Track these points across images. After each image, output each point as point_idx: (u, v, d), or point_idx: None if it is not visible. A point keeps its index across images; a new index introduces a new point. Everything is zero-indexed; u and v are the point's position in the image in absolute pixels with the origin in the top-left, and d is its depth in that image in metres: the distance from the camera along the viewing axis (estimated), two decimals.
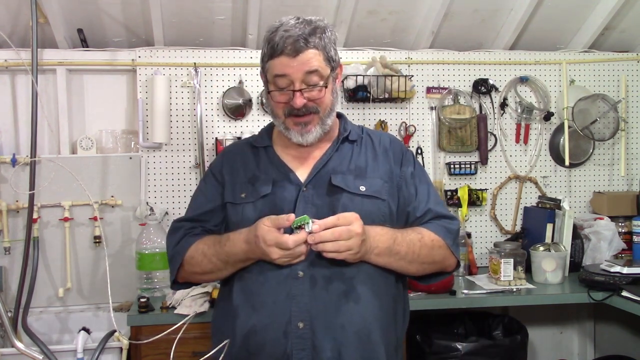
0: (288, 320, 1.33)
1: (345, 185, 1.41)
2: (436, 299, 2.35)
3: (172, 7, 2.55)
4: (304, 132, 1.39)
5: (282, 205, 1.39)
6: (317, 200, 1.39)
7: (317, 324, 1.33)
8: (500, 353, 2.35)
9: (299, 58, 1.33)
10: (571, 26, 2.93)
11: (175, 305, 2.21)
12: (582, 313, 3.06)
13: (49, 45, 2.63)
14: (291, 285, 1.34)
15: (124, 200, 2.66)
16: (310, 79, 1.35)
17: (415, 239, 1.39)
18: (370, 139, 1.53)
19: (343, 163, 1.46)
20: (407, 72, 2.86)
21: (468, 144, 2.88)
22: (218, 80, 2.74)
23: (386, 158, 1.50)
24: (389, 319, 1.44)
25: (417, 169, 1.53)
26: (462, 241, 2.67)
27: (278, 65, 1.34)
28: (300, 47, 1.32)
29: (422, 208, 1.47)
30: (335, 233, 1.25)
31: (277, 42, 1.33)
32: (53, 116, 2.67)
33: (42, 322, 2.56)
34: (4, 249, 2.56)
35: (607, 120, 2.94)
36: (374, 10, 2.70)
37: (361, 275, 1.36)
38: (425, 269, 1.46)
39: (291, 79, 1.34)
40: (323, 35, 1.37)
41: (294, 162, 1.47)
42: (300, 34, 1.32)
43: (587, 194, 3.02)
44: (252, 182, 1.44)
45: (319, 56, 1.35)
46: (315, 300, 1.33)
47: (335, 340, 1.33)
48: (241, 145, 1.58)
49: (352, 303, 1.35)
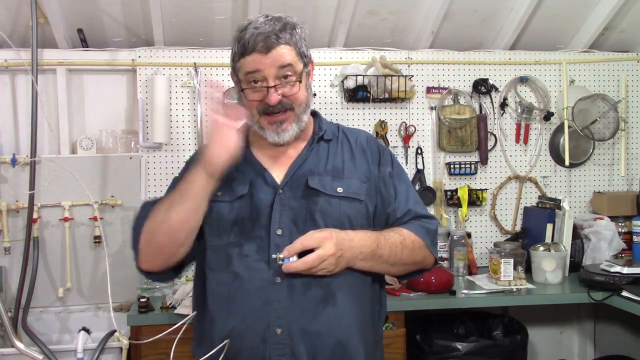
0: (266, 325, 1.31)
1: (322, 187, 1.39)
2: (436, 299, 2.35)
3: (172, 7, 2.55)
4: (280, 130, 1.37)
5: (259, 207, 1.37)
6: (293, 203, 1.37)
7: (294, 329, 1.32)
8: (500, 353, 2.36)
9: (271, 54, 1.31)
10: (571, 26, 2.93)
11: (175, 305, 2.21)
12: (582, 313, 3.06)
13: (49, 45, 2.63)
14: (269, 291, 1.32)
15: (124, 200, 2.66)
16: (283, 74, 1.34)
17: (397, 241, 1.39)
18: (347, 137, 1.51)
19: (320, 163, 1.44)
20: (407, 72, 2.86)
21: (468, 144, 2.88)
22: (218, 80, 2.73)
23: (364, 157, 1.48)
24: (367, 321, 1.43)
25: (396, 169, 1.51)
26: (462, 241, 2.69)
27: (250, 63, 1.33)
28: (271, 43, 1.31)
29: (402, 209, 1.46)
30: (307, 263, 1.26)
31: (248, 39, 1.32)
32: (53, 116, 2.67)
33: (42, 322, 2.56)
34: (4, 249, 2.56)
35: (607, 120, 2.94)
36: (374, 10, 2.70)
37: (339, 280, 1.35)
38: (406, 269, 1.47)
39: (264, 75, 1.32)
40: (294, 32, 1.36)
41: (269, 162, 1.44)
42: (271, 30, 1.32)
43: (587, 194, 3.02)
44: (229, 182, 1.41)
45: (292, 51, 1.34)
46: (293, 306, 1.32)
47: (311, 345, 1.32)
48: None
49: (330, 308, 1.34)
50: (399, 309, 2.29)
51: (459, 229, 2.84)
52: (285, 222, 1.35)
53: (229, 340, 1.33)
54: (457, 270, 2.68)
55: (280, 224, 1.35)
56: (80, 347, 2.15)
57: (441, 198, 2.85)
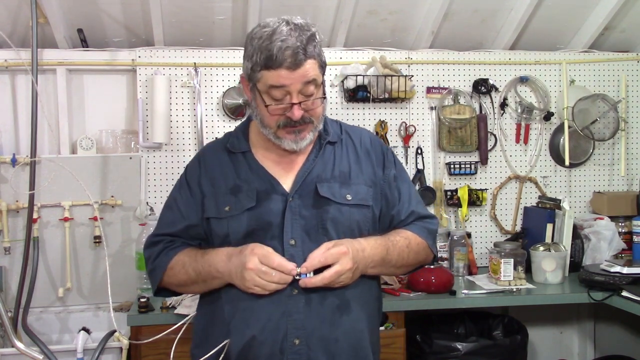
0: (284, 336, 1.32)
1: (332, 196, 1.39)
2: (436, 299, 2.35)
3: (172, 7, 2.55)
4: (298, 139, 1.36)
5: (269, 217, 1.36)
6: (304, 212, 1.37)
7: (312, 339, 1.33)
8: (500, 353, 2.35)
9: (299, 71, 1.27)
10: (571, 26, 2.93)
11: (175, 305, 2.21)
12: (582, 313, 3.06)
13: (49, 45, 2.63)
14: (286, 303, 1.33)
15: (124, 200, 2.66)
16: (307, 90, 1.31)
17: (404, 245, 1.43)
18: (351, 138, 1.50)
19: (327, 169, 1.43)
20: (407, 72, 2.86)
21: (468, 144, 2.88)
22: (218, 80, 2.74)
23: (368, 160, 1.48)
24: (375, 321, 1.49)
25: (399, 170, 1.53)
26: (462, 241, 2.69)
27: (276, 77, 1.28)
28: (300, 60, 1.27)
29: (406, 210, 1.49)
30: (326, 279, 1.28)
31: (275, 54, 1.26)
32: (53, 116, 2.67)
33: (42, 322, 2.56)
34: (4, 249, 2.56)
35: (607, 120, 2.94)
36: (374, 10, 2.70)
37: (352, 288, 1.38)
38: (409, 269, 1.53)
39: (288, 91, 1.29)
40: (316, 42, 1.32)
41: (275, 168, 1.42)
42: (299, 45, 1.26)
43: (587, 194, 3.02)
44: (235, 193, 1.39)
45: (315, 65, 1.31)
46: (311, 317, 1.33)
47: (329, 353, 1.34)
48: (217, 150, 1.49)
49: (345, 315, 1.37)
50: (399, 309, 2.29)
51: (459, 229, 2.84)
52: (297, 232, 1.36)
53: (249, 349, 1.34)
54: (457, 270, 2.68)
55: (293, 233, 1.35)
56: (80, 347, 2.15)
57: (441, 198, 2.85)
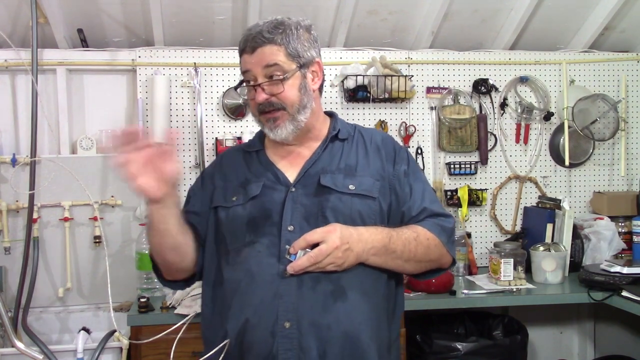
0: (275, 320, 1.32)
1: (333, 185, 1.40)
2: (436, 299, 2.35)
3: (172, 7, 2.55)
4: (273, 127, 1.40)
5: (271, 205, 1.39)
6: (305, 200, 1.39)
7: (303, 323, 1.32)
8: (500, 353, 2.36)
9: (256, 53, 1.36)
10: (571, 26, 2.93)
11: (175, 305, 2.21)
12: (582, 313, 3.07)
13: (49, 45, 2.63)
14: (278, 284, 1.33)
15: (124, 200, 2.66)
16: (270, 74, 1.37)
17: (410, 237, 1.39)
18: (362, 136, 1.52)
19: (333, 162, 1.45)
20: (407, 72, 2.86)
21: (468, 144, 2.88)
22: (218, 80, 2.74)
23: (378, 155, 1.48)
24: (380, 318, 1.42)
25: (412, 167, 1.51)
26: (461, 241, 2.68)
27: (242, 63, 1.40)
28: (256, 43, 1.36)
29: (417, 207, 1.46)
30: (311, 259, 1.27)
31: (241, 41, 1.40)
32: (53, 116, 2.67)
33: (42, 322, 2.56)
34: (4, 249, 2.56)
35: (607, 120, 2.95)
36: (374, 10, 2.70)
37: (349, 276, 1.35)
38: (422, 267, 1.45)
39: (254, 74, 1.38)
40: (288, 32, 1.37)
41: (283, 162, 1.47)
42: (259, 31, 1.36)
43: (587, 194, 3.02)
44: (244, 186, 1.45)
45: (279, 51, 1.37)
46: (302, 300, 1.32)
47: (321, 340, 1.32)
48: (235, 151, 1.59)
49: (340, 303, 1.34)
50: None
51: (459, 229, 2.84)
52: (296, 219, 1.36)
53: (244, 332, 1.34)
54: (457, 270, 2.67)
55: (292, 220, 1.36)
56: (80, 347, 2.15)
57: (441, 198, 2.85)
